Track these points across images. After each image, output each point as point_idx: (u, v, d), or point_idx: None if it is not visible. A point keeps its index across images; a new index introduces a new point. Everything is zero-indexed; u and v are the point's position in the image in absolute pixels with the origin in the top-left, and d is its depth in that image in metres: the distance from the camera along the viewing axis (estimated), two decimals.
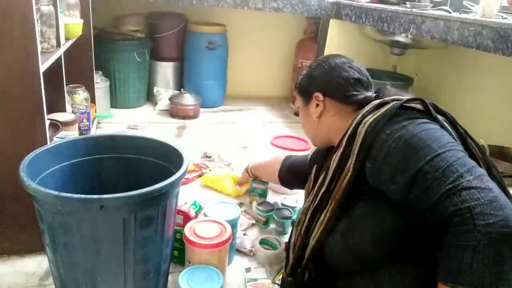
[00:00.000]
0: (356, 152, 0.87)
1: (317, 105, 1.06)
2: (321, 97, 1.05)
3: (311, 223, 0.96)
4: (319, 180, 0.99)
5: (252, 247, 1.49)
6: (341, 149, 0.92)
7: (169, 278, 1.26)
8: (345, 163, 0.90)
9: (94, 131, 2.35)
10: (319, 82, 1.06)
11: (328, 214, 0.91)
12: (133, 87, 2.99)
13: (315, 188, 1.00)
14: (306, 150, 1.81)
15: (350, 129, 0.91)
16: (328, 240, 0.91)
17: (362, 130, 0.87)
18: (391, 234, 0.82)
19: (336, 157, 0.94)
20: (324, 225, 0.91)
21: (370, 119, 0.88)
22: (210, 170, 2.04)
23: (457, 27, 1.77)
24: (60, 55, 1.69)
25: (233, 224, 1.37)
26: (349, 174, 0.88)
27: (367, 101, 0.99)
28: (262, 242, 1.50)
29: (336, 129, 1.03)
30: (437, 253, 0.74)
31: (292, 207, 1.70)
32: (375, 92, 1.06)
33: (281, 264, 1.46)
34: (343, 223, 0.89)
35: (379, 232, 0.83)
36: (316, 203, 0.96)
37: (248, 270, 1.36)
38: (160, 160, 1.24)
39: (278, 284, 1.26)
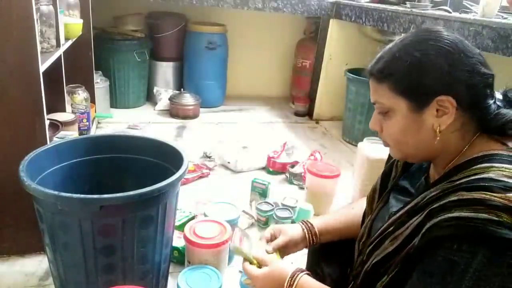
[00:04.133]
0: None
1: (443, 113, 0.70)
2: (454, 103, 0.68)
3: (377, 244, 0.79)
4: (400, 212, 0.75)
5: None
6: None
7: (169, 278, 1.26)
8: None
9: (94, 131, 2.35)
10: (447, 79, 0.68)
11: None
12: (133, 87, 2.99)
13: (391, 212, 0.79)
14: (337, 176, 1.80)
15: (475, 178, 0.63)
16: None
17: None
18: None
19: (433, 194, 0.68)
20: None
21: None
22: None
23: (457, 27, 1.77)
24: (60, 55, 1.69)
25: (233, 224, 1.37)
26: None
27: (501, 118, 0.70)
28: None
29: (451, 151, 0.72)
30: None
31: (292, 207, 1.70)
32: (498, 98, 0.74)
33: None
34: None
35: None
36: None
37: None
38: (160, 160, 1.24)
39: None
